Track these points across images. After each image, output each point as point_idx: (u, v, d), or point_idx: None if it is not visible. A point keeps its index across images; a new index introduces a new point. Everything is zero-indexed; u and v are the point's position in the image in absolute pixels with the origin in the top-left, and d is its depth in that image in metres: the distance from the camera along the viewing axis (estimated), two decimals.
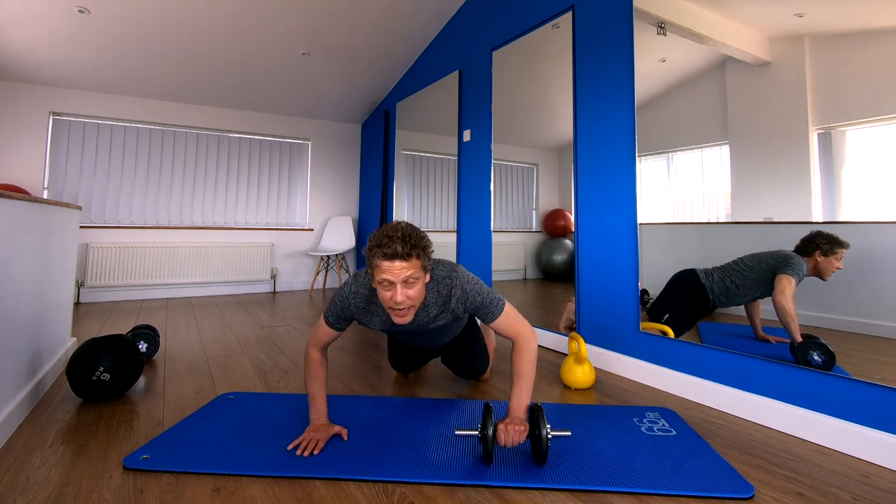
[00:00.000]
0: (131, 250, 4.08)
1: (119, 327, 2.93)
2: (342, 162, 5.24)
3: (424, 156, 3.95)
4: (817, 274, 1.43)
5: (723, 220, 1.73)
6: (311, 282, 4.85)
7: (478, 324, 1.85)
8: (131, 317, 3.29)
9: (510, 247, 2.89)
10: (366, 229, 4.96)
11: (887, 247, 1.31)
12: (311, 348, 1.45)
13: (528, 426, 1.25)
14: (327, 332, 1.43)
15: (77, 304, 3.83)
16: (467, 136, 3.26)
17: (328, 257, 4.94)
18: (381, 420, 1.52)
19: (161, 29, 3.22)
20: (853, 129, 1.40)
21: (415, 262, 1.23)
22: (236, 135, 4.68)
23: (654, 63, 1.97)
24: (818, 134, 1.47)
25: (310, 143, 5.06)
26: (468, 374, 1.86)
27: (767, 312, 1.58)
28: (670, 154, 1.92)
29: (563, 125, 2.47)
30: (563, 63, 2.45)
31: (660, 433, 1.44)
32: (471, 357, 1.80)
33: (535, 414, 1.23)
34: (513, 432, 1.22)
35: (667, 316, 1.90)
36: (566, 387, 1.90)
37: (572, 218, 2.39)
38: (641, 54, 2.02)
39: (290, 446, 1.31)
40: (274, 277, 4.73)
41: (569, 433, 1.25)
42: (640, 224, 2.01)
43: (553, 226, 2.64)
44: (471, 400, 1.72)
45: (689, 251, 1.84)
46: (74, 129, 4.01)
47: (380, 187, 4.53)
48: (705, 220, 1.80)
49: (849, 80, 1.41)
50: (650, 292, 1.98)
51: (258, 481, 1.17)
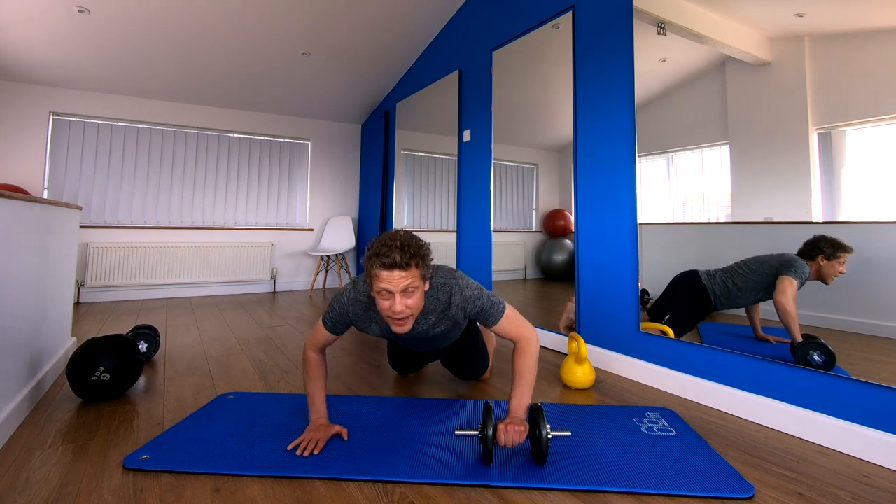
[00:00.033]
0: (131, 250, 4.09)
1: (119, 327, 2.93)
2: (342, 162, 5.24)
3: (424, 156, 3.95)
4: (820, 278, 1.43)
5: (723, 220, 1.73)
6: (311, 282, 4.85)
7: (477, 325, 1.85)
8: (131, 317, 3.29)
9: (510, 247, 2.89)
10: (366, 229, 4.96)
11: (887, 247, 1.31)
12: (309, 350, 1.45)
13: (528, 426, 1.25)
14: (325, 336, 1.43)
15: (77, 304, 3.83)
16: (467, 136, 3.26)
17: (328, 257, 4.94)
18: (381, 420, 1.52)
19: (161, 29, 3.22)
20: (853, 129, 1.40)
21: (413, 272, 1.22)
22: (236, 135, 4.68)
23: (654, 63, 1.97)
24: (818, 134, 1.47)
25: (310, 143, 5.06)
26: (468, 375, 1.87)
27: (768, 312, 1.58)
28: (670, 154, 1.92)
29: (563, 125, 2.47)
30: (563, 63, 2.45)
31: (660, 433, 1.44)
32: (470, 358, 1.80)
33: (535, 414, 1.23)
34: (513, 432, 1.22)
35: (668, 316, 1.90)
36: (566, 387, 1.90)
37: (572, 218, 2.39)
38: (641, 54, 2.02)
39: (290, 446, 1.31)
40: (274, 277, 4.73)
41: (569, 433, 1.25)
42: (640, 224, 2.01)
43: (553, 226, 2.64)
44: (471, 400, 1.72)
45: (689, 251, 1.84)
46: (74, 129, 4.01)
47: (380, 187, 4.53)
48: (705, 220, 1.80)
49: (849, 80, 1.41)
50: (650, 292, 1.98)
51: (258, 481, 1.17)
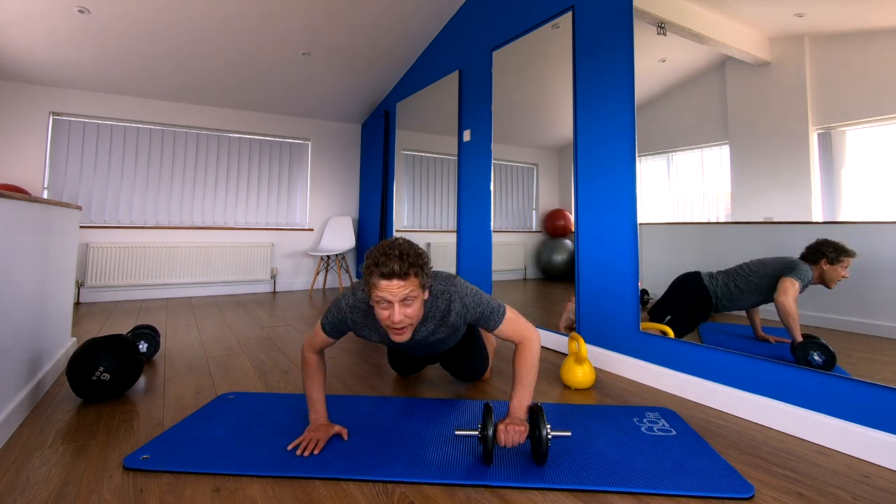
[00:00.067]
0: (131, 250, 4.08)
1: (119, 327, 2.93)
2: (342, 162, 5.24)
3: (424, 156, 3.95)
4: (823, 282, 1.42)
5: (723, 220, 1.73)
6: (311, 282, 4.85)
7: (476, 327, 1.85)
8: (131, 317, 3.29)
9: (510, 247, 2.89)
10: (366, 229, 4.96)
11: (888, 247, 1.31)
12: (307, 351, 1.45)
13: (528, 426, 1.25)
14: (324, 339, 1.43)
15: (77, 304, 3.83)
16: (467, 136, 3.26)
17: (328, 257, 4.94)
18: (381, 420, 1.52)
19: (161, 29, 3.22)
20: (853, 129, 1.40)
21: (412, 281, 1.21)
22: (236, 135, 4.68)
23: (654, 63, 1.97)
24: (818, 134, 1.47)
25: (310, 143, 5.06)
26: (468, 377, 1.86)
27: (768, 312, 1.58)
28: (670, 154, 1.92)
29: (563, 125, 2.47)
30: (563, 63, 2.45)
31: (660, 433, 1.44)
32: (470, 360, 1.80)
33: (535, 414, 1.23)
34: (513, 432, 1.22)
35: (669, 317, 1.90)
36: (566, 387, 1.90)
37: (572, 218, 2.39)
38: (641, 54, 2.02)
39: (290, 446, 1.31)
40: (274, 277, 4.73)
41: (569, 433, 1.25)
42: (640, 224, 2.01)
43: (553, 226, 2.64)
44: (471, 400, 1.72)
45: (689, 251, 1.84)
46: (74, 129, 4.01)
47: (380, 187, 4.53)
48: (705, 220, 1.80)
49: (849, 80, 1.40)
50: (650, 292, 1.98)
51: (258, 481, 1.17)
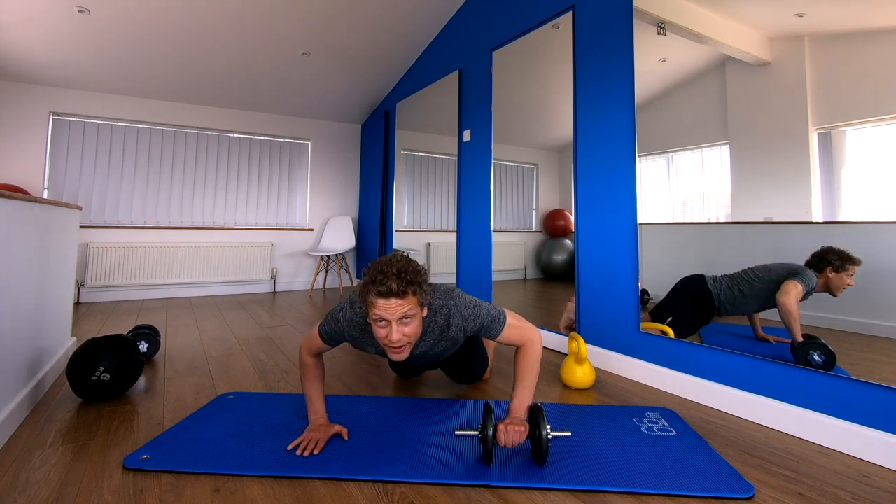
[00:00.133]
0: (131, 250, 4.08)
1: (119, 327, 2.93)
2: (342, 162, 5.24)
3: (424, 156, 3.95)
4: (828, 290, 1.41)
5: (723, 220, 1.73)
6: (311, 282, 4.85)
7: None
8: (131, 317, 3.29)
9: (510, 247, 2.89)
10: (366, 229, 4.96)
11: (888, 247, 1.31)
12: (304, 354, 1.44)
13: (528, 426, 1.25)
14: (320, 345, 1.43)
15: (77, 304, 3.83)
16: (467, 136, 3.26)
17: (328, 257, 4.94)
18: (381, 420, 1.52)
19: (161, 29, 3.22)
20: (853, 129, 1.40)
21: (411, 299, 1.19)
22: (236, 135, 4.68)
23: (654, 63, 1.97)
24: (818, 134, 1.47)
25: (310, 143, 5.06)
26: (468, 380, 1.86)
27: (768, 312, 1.58)
28: (670, 154, 1.92)
29: (563, 125, 2.47)
30: (563, 63, 2.45)
31: (660, 433, 1.44)
32: (470, 364, 1.79)
33: (535, 414, 1.23)
34: (513, 432, 1.22)
35: (670, 318, 1.90)
36: (566, 387, 1.90)
37: (572, 218, 2.39)
38: (641, 54, 2.02)
39: (290, 446, 1.31)
40: (274, 277, 4.73)
41: (569, 433, 1.25)
42: (640, 224, 2.01)
43: (553, 226, 2.64)
44: (471, 400, 1.72)
45: (689, 251, 1.84)
46: (74, 129, 4.01)
47: (380, 187, 4.53)
48: (705, 220, 1.80)
49: (849, 80, 1.40)
50: (650, 292, 1.98)
51: (258, 481, 1.17)
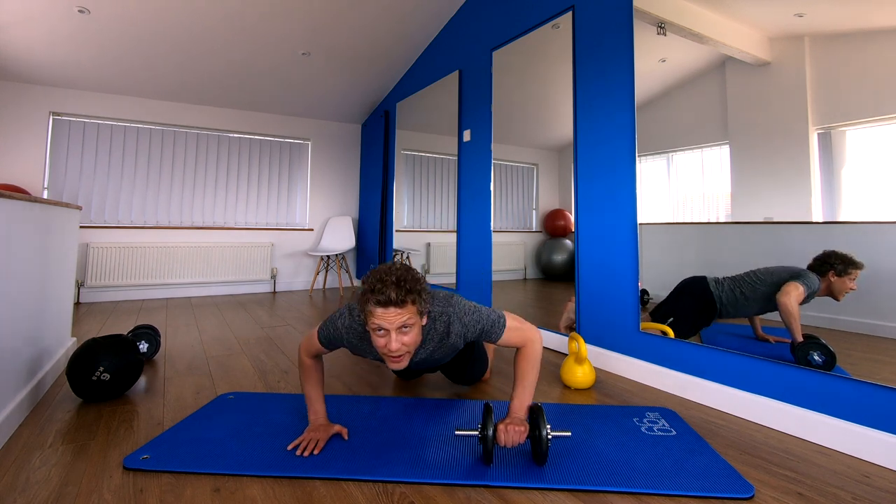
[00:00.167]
0: (131, 250, 4.08)
1: (119, 327, 2.93)
2: (342, 162, 5.24)
3: (424, 156, 3.95)
4: (831, 294, 1.41)
5: (723, 220, 1.73)
6: (311, 282, 4.85)
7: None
8: (131, 317, 3.29)
9: (510, 247, 2.89)
10: (366, 229, 4.96)
11: (888, 247, 1.31)
12: (303, 355, 1.44)
13: (528, 426, 1.25)
14: (318, 348, 1.42)
15: (77, 304, 3.83)
16: (467, 136, 3.26)
17: (328, 257, 4.94)
18: (381, 420, 1.52)
19: (161, 29, 3.22)
20: (853, 129, 1.40)
21: (410, 308, 1.18)
22: (236, 135, 4.68)
23: (654, 63, 1.97)
24: (818, 134, 1.47)
25: (310, 143, 5.06)
26: (468, 381, 1.86)
27: (769, 313, 1.58)
28: (670, 154, 1.92)
29: (563, 125, 2.46)
30: (563, 63, 2.45)
31: (660, 433, 1.44)
32: (470, 367, 1.79)
33: (535, 414, 1.23)
34: (513, 432, 1.22)
35: (671, 319, 1.90)
36: (566, 387, 1.90)
37: (572, 218, 2.39)
38: (641, 54, 2.02)
39: (290, 446, 1.31)
40: (274, 277, 4.73)
41: (569, 433, 1.25)
42: (640, 224, 2.01)
43: (553, 226, 2.64)
44: (471, 400, 1.72)
45: (689, 251, 1.84)
46: (74, 129, 4.01)
47: (380, 187, 4.53)
48: (705, 220, 1.80)
49: (849, 80, 1.40)
50: (650, 292, 1.98)
51: (258, 481, 1.17)
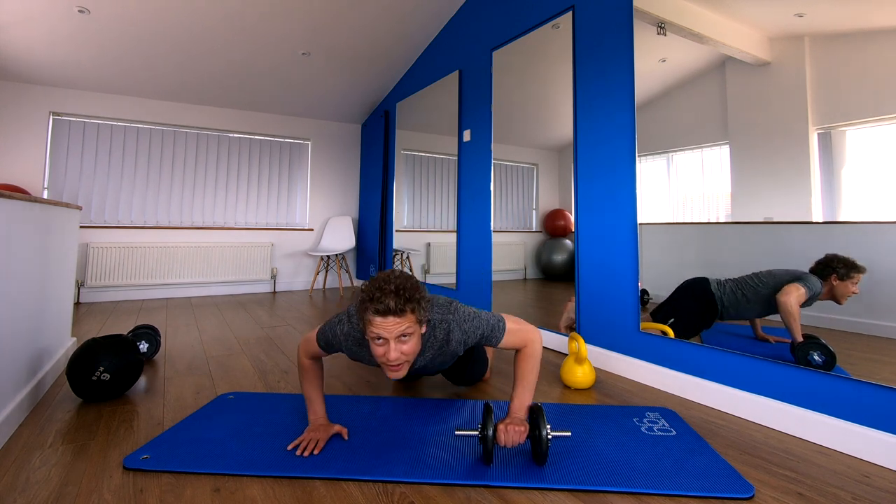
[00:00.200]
0: (131, 250, 4.08)
1: (119, 327, 2.93)
2: (342, 162, 5.24)
3: (424, 156, 3.95)
4: (833, 298, 1.40)
5: (723, 220, 1.73)
6: (311, 282, 4.85)
7: None
8: (131, 317, 3.29)
9: (510, 247, 2.88)
10: (366, 229, 4.96)
11: (888, 247, 1.31)
12: (302, 356, 1.44)
13: (528, 426, 1.25)
14: (316, 350, 1.42)
15: (77, 304, 3.83)
16: (467, 136, 3.26)
17: (328, 257, 4.93)
18: (381, 420, 1.52)
19: (161, 29, 3.22)
20: (853, 129, 1.40)
21: (409, 317, 1.17)
22: (236, 135, 4.68)
23: (654, 63, 1.97)
24: (818, 134, 1.47)
25: (310, 143, 5.06)
26: (468, 382, 1.85)
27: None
28: (670, 154, 1.92)
29: (563, 125, 2.46)
30: (563, 63, 2.45)
31: (660, 433, 1.44)
32: (470, 368, 1.79)
33: (535, 414, 1.23)
34: (513, 432, 1.22)
35: (672, 320, 1.89)
36: (566, 387, 1.90)
37: (572, 218, 2.39)
38: (641, 54, 2.02)
39: (290, 446, 1.30)
40: (274, 277, 4.73)
41: (569, 433, 1.25)
42: (640, 224, 2.01)
43: (553, 226, 2.64)
44: (471, 400, 1.72)
45: (689, 251, 1.84)
46: (74, 129, 4.01)
47: (380, 187, 4.53)
48: (705, 220, 1.80)
49: (849, 80, 1.40)
50: (650, 292, 1.98)
51: (258, 481, 1.17)
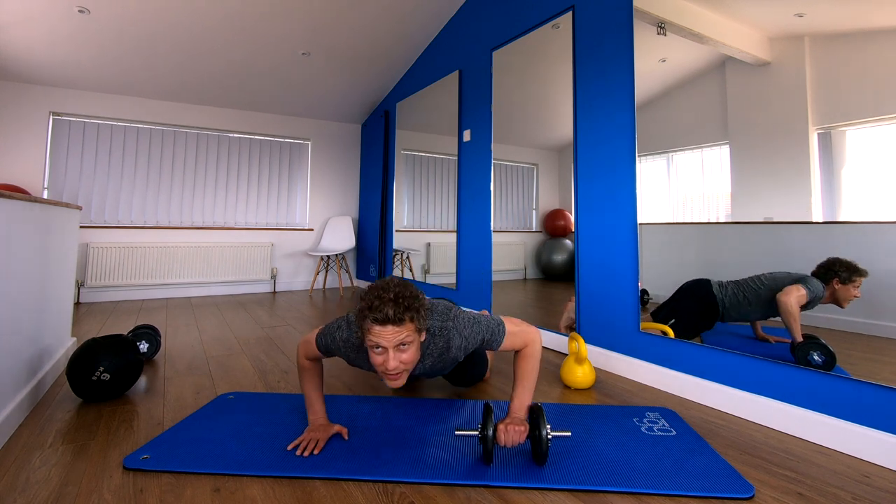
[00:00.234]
0: (131, 250, 4.08)
1: (119, 327, 2.93)
2: (342, 162, 5.24)
3: (424, 156, 3.95)
4: (835, 301, 1.40)
5: (723, 220, 1.73)
6: (311, 282, 4.85)
7: None
8: (131, 317, 3.29)
9: (510, 247, 2.88)
10: (366, 229, 4.96)
11: (887, 247, 1.31)
12: (301, 357, 1.44)
13: (528, 426, 1.25)
14: (315, 352, 1.42)
15: (77, 304, 3.83)
16: (467, 136, 3.26)
17: (328, 257, 4.93)
18: (381, 420, 1.52)
19: (161, 29, 3.22)
20: (853, 129, 1.40)
21: (408, 326, 1.15)
22: (236, 135, 4.68)
23: (654, 63, 1.97)
24: (818, 134, 1.47)
25: (310, 143, 5.06)
26: (468, 383, 1.85)
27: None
28: (670, 154, 1.92)
29: (563, 125, 2.46)
30: (563, 63, 2.45)
31: (660, 433, 1.44)
32: (470, 370, 1.79)
33: (535, 414, 1.23)
34: (513, 432, 1.22)
35: (673, 321, 1.89)
36: (566, 387, 1.90)
37: (572, 218, 2.39)
38: (641, 54, 2.02)
39: (290, 446, 1.31)
40: (274, 277, 4.73)
41: (569, 433, 1.25)
42: (640, 224, 2.01)
43: (553, 226, 2.64)
44: (471, 400, 1.72)
45: (689, 251, 1.84)
46: (74, 129, 4.01)
47: (380, 187, 4.53)
48: (705, 220, 1.80)
49: (849, 80, 1.40)
50: (650, 292, 1.98)
51: (258, 481, 1.17)
